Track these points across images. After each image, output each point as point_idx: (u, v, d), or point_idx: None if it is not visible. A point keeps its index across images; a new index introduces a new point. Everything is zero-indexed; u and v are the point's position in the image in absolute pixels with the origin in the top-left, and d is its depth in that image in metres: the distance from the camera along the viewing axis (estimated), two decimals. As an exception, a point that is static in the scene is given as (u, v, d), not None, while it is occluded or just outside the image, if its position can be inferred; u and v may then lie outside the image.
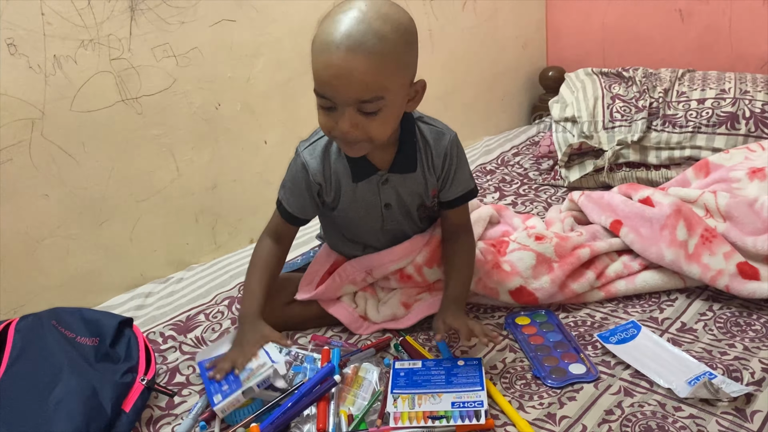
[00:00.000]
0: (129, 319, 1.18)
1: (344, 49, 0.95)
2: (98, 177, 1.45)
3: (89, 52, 1.38)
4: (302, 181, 1.16)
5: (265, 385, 1.01)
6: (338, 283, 1.25)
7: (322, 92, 1.00)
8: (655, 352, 1.11)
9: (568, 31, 2.49)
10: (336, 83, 0.97)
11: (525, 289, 1.24)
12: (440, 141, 1.17)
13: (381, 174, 1.16)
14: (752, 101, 1.72)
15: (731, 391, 0.97)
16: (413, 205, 1.22)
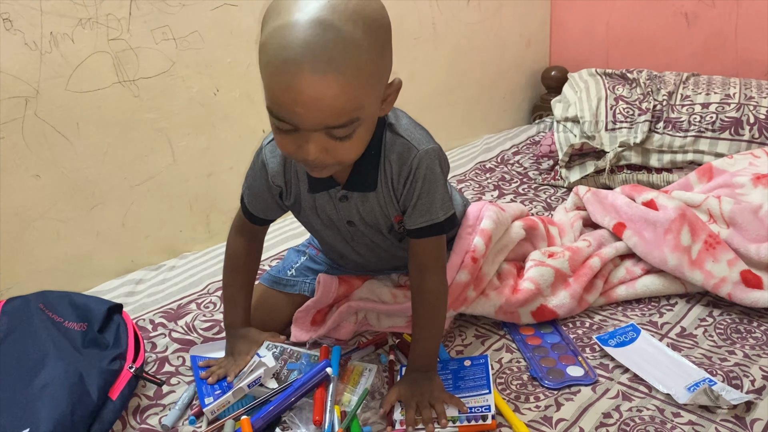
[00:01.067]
0: (118, 305, 1.16)
1: (309, 70, 0.75)
2: (92, 159, 1.42)
3: (87, 31, 1.35)
4: (262, 181, 1.03)
5: (255, 384, 0.99)
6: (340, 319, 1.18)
7: (279, 116, 0.80)
8: (654, 356, 1.09)
9: (572, 30, 2.47)
10: (300, 110, 0.78)
11: (546, 307, 1.20)
12: (406, 157, 0.95)
13: (337, 189, 1.00)
14: (757, 107, 1.70)
15: (731, 399, 0.96)
16: (382, 226, 1.05)
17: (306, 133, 0.81)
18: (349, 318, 1.19)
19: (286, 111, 0.79)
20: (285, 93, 0.77)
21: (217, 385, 1.04)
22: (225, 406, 0.98)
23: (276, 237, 1.60)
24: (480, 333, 1.19)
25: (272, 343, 1.10)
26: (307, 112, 0.78)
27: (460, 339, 1.18)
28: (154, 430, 0.99)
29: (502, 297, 1.19)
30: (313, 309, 1.18)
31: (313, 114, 0.78)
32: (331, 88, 0.76)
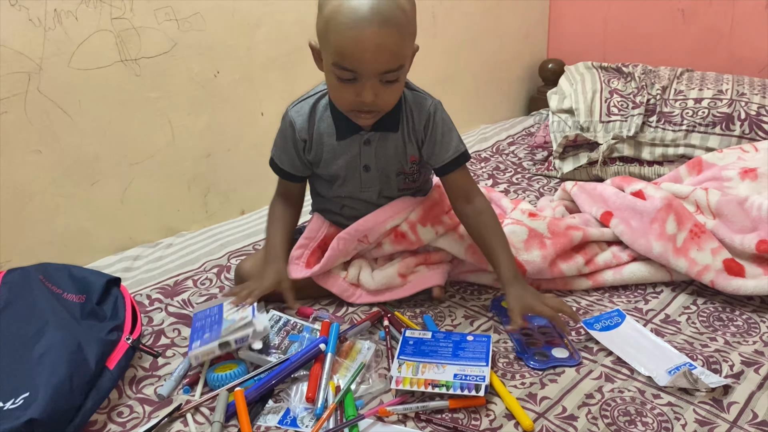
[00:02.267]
0: (116, 279, 1.18)
1: (377, 24, 0.99)
2: (93, 136, 1.44)
3: (91, 9, 1.37)
4: (290, 138, 1.21)
5: (242, 343, 1.02)
6: (332, 258, 1.24)
7: (347, 65, 1.02)
8: (638, 340, 1.12)
9: (570, 24, 2.49)
10: (368, 57, 1.01)
11: (516, 260, 1.24)
12: (422, 107, 1.19)
13: (363, 134, 1.19)
14: (748, 103, 1.73)
15: (710, 382, 0.99)
16: (392, 171, 1.24)
17: (364, 80, 1.03)
18: (339, 272, 1.25)
19: (356, 59, 1.01)
20: (357, 44, 1.00)
21: (207, 329, 1.07)
22: (209, 356, 1.01)
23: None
24: (469, 314, 1.22)
25: (277, 313, 1.15)
26: (375, 57, 1.01)
27: (449, 319, 1.21)
28: (150, 399, 1.02)
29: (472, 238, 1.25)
30: (307, 247, 1.25)
31: (377, 59, 1.01)
32: (390, 37, 1.01)
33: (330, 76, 1.07)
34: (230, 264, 1.41)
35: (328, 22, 1.02)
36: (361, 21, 0.99)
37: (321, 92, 1.21)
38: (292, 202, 1.29)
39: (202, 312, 1.15)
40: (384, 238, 1.26)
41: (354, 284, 1.25)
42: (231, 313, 1.09)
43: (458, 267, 1.31)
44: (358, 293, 1.25)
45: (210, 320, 1.10)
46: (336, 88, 1.08)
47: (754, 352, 1.10)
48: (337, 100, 1.11)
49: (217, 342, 1.01)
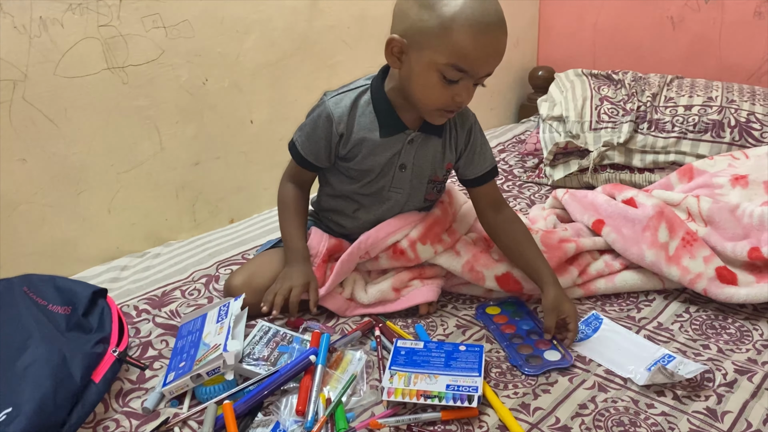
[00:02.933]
0: (103, 290, 1.16)
1: (503, 30, 1.04)
2: (79, 145, 1.42)
3: (77, 17, 1.35)
4: (323, 128, 1.19)
5: (214, 374, 1.00)
6: (338, 278, 1.23)
7: (466, 66, 1.04)
8: (617, 342, 1.12)
9: (560, 31, 2.49)
10: (491, 61, 1.05)
11: (511, 276, 1.24)
12: (465, 117, 1.25)
13: (408, 132, 1.19)
14: (738, 110, 1.74)
15: (686, 372, 1.00)
16: (426, 175, 1.25)
17: (467, 82, 1.07)
18: (336, 288, 1.23)
19: (479, 62, 1.04)
20: (484, 47, 1.03)
21: (181, 357, 1.05)
22: (182, 389, 1.00)
23: (261, 228, 1.61)
24: (461, 323, 1.21)
25: (266, 324, 1.14)
26: (494, 60, 1.06)
27: (441, 329, 1.20)
28: (136, 412, 1.00)
29: (470, 253, 1.26)
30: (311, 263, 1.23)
31: (494, 62, 1.07)
32: (505, 44, 1.06)
33: (430, 74, 1.06)
34: (219, 274, 1.40)
35: (451, 22, 1.01)
36: (492, 26, 1.02)
37: (363, 87, 1.19)
38: (305, 187, 1.28)
39: (186, 325, 1.13)
40: (382, 253, 1.25)
41: (349, 299, 1.24)
42: (209, 335, 1.08)
43: (451, 279, 1.30)
44: (352, 307, 1.23)
45: (190, 339, 1.09)
46: (432, 87, 1.07)
47: (747, 360, 1.09)
48: (428, 98, 1.10)
49: (189, 376, 0.99)
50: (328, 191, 1.30)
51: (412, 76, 1.09)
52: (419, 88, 1.10)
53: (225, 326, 1.08)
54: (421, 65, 1.07)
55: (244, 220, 1.69)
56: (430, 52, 1.04)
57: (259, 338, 1.11)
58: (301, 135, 1.22)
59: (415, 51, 1.06)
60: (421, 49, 1.05)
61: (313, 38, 1.79)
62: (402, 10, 1.08)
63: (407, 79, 1.11)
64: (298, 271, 1.18)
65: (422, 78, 1.08)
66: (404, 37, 1.07)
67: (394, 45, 1.09)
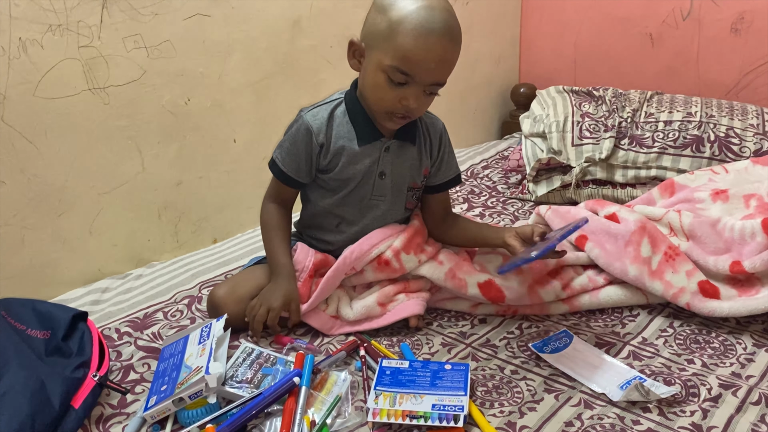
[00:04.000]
0: (83, 313, 1.14)
1: (447, 38, 1.07)
2: (59, 166, 1.41)
3: (57, 38, 1.35)
4: (302, 141, 1.20)
5: (196, 397, 0.99)
6: (323, 295, 1.22)
7: (408, 70, 1.07)
8: (588, 359, 1.12)
9: (541, 49, 2.52)
10: (432, 66, 1.08)
11: (493, 283, 1.25)
12: (435, 125, 1.28)
13: (383, 140, 1.22)
14: (717, 125, 1.76)
15: (660, 393, 1.00)
16: (405, 182, 1.27)
17: (414, 87, 1.10)
18: (320, 305, 1.22)
19: (419, 66, 1.07)
20: (426, 52, 1.06)
21: (162, 380, 1.03)
22: (164, 413, 0.98)
23: (244, 248, 1.60)
24: (447, 341, 1.21)
25: (249, 345, 1.12)
26: (437, 68, 1.09)
27: (427, 347, 1.19)
28: (118, 438, 0.98)
29: (452, 261, 1.27)
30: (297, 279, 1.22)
31: (437, 69, 1.09)
32: (453, 53, 1.10)
33: (378, 75, 1.10)
34: (201, 294, 1.38)
35: (398, 25, 1.06)
36: (434, 32, 1.05)
37: (338, 100, 1.23)
38: (287, 206, 1.29)
39: (168, 347, 1.12)
40: (367, 265, 1.24)
41: (334, 316, 1.23)
42: (191, 357, 1.06)
43: (436, 294, 1.30)
44: (338, 324, 1.22)
45: (172, 362, 1.08)
46: (380, 88, 1.11)
47: (731, 374, 1.09)
48: (377, 100, 1.14)
49: (171, 400, 0.98)
50: (310, 209, 1.30)
51: (365, 77, 1.14)
52: (369, 88, 1.14)
53: (207, 348, 1.07)
54: (371, 66, 1.11)
55: (228, 239, 1.67)
56: (378, 53, 1.09)
57: (242, 360, 1.09)
58: (281, 152, 1.23)
59: (369, 53, 1.12)
60: (372, 51, 1.11)
61: (295, 57, 1.79)
62: (366, 17, 1.14)
63: (362, 81, 1.16)
64: (280, 289, 1.18)
65: (372, 79, 1.12)
66: (362, 40, 1.13)
67: (355, 48, 1.15)
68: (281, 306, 1.17)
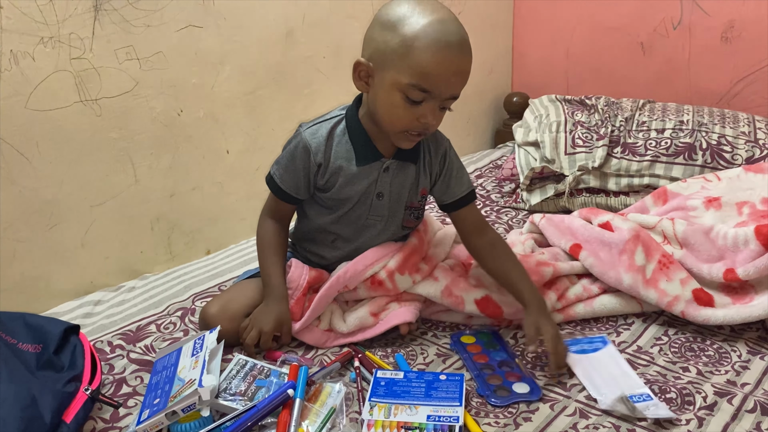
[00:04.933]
0: (75, 326, 1.13)
1: (464, 50, 1.06)
2: (51, 179, 1.40)
3: (48, 50, 1.34)
4: (300, 159, 1.18)
5: (189, 410, 0.98)
6: (316, 313, 1.22)
7: (427, 86, 1.05)
8: (608, 367, 1.12)
9: (533, 58, 2.53)
10: (452, 80, 1.06)
11: (491, 299, 1.24)
12: (439, 142, 1.25)
13: (383, 161, 1.20)
14: (709, 133, 1.76)
15: (650, 414, 0.99)
16: (402, 202, 1.25)
17: (431, 103, 1.07)
18: (313, 321, 1.21)
19: (439, 81, 1.05)
20: (443, 66, 1.04)
21: (155, 394, 1.03)
22: (157, 427, 0.97)
23: (238, 259, 1.60)
24: (441, 352, 1.20)
25: (243, 358, 1.12)
26: (456, 81, 1.07)
27: (422, 357, 1.19)
28: (110, 453, 0.97)
29: (448, 278, 1.26)
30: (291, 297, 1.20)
31: (457, 83, 1.07)
32: (469, 64, 1.08)
33: (393, 95, 1.07)
34: (195, 306, 1.37)
35: (413, 41, 1.03)
36: (451, 45, 1.04)
37: (338, 117, 1.20)
38: (285, 222, 1.27)
39: (161, 359, 1.11)
40: (360, 284, 1.24)
41: (327, 330, 1.22)
42: (184, 369, 1.06)
43: (431, 307, 1.29)
44: (332, 338, 1.22)
45: (166, 374, 1.07)
46: (396, 107, 1.08)
47: (726, 382, 1.09)
48: (393, 120, 1.11)
49: (164, 413, 0.97)
50: (306, 223, 1.29)
51: (378, 98, 1.11)
52: (384, 109, 1.11)
53: (200, 360, 1.06)
54: (385, 86, 1.08)
55: (221, 250, 1.67)
56: (393, 73, 1.06)
57: (235, 372, 1.09)
58: (279, 168, 1.21)
59: (379, 73, 1.08)
60: (384, 70, 1.07)
61: (288, 68, 1.79)
62: (369, 35, 1.11)
63: (374, 103, 1.13)
64: (272, 312, 1.17)
65: (386, 99, 1.09)
66: (370, 60, 1.09)
67: (361, 68, 1.11)
68: (272, 330, 1.16)
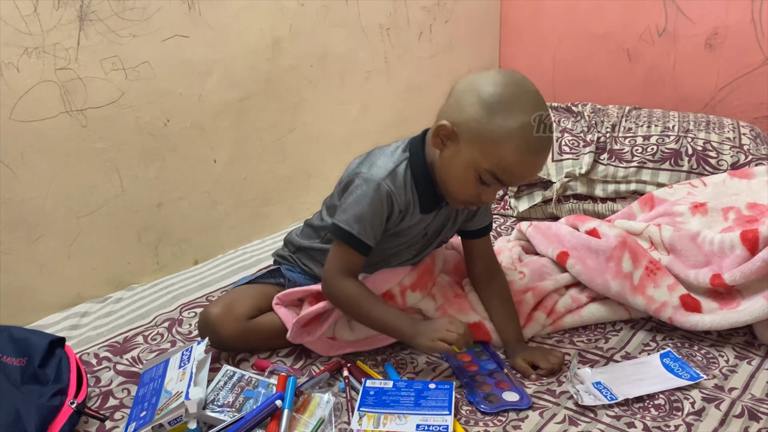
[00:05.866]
0: (61, 339, 1.12)
1: (546, 155, 1.08)
2: (36, 190, 1.39)
3: (33, 60, 1.33)
4: (386, 209, 1.13)
5: (176, 423, 0.97)
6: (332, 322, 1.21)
7: (502, 178, 1.06)
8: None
9: (520, 65, 2.53)
10: (527, 178, 1.13)
11: (483, 326, 1.24)
12: None
13: (439, 207, 1.20)
14: (694, 139, 1.78)
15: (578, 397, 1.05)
16: (439, 238, 1.27)
17: (497, 187, 1.09)
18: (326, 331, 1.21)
19: (517, 178, 1.09)
20: (528, 169, 1.08)
21: (142, 407, 1.02)
22: None
23: (226, 269, 1.59)
24: (431, 361, 1.20)
25: (231, 369, 1.11)
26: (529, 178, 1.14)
27: (411, 366, 1.18)
28: (96, 467, 0.96)
29: (444, 297, 1.27)
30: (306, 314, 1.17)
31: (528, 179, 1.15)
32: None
33: (468, 172, 1.07)
34: (182, 317, 1.37)
35: (508, 136, 1.02)
36: (541, 151, 1.05)
37: (404, 161, 1.15)
38: (358, 274, 1.18)
39: (148, 371, 1.10)
40: None
41: (330, 338, 1.22)
42: (171, 381, 1.05)
43: (425, 318, 1.29)
44: (336, 346, 1.21)
45: (153, 386, 1.06)
46: (466, 182, 1.08)
47: (714, 387, 1.10)
48: (458, 190, 1.11)
49: (150, 426, 0.96)
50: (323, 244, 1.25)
51: (452, 165, 1.09)
52: (453, 178, 1.10)
53: (187, 372, 1.05)
54: (463, 160, 1.07)
55: (209, 260, 1.66)
56: (477, 153, 1.05)
57: (223, 383, 1.08)
58: (364, 226, 1.11)
59: (462, 144, 1.06)
60: (468, 146, 1.05)
61: (275, 77, 1.79)
62: (462, 99, 1.07)
63: (446, 165, 1.10)
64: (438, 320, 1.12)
65: (460, 171, 1.08)
66: (455, 125, 1.06)
67: (446, 132, 1.08)
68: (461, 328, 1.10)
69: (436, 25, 2.26)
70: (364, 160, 1.17)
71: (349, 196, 1.13)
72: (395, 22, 2.09)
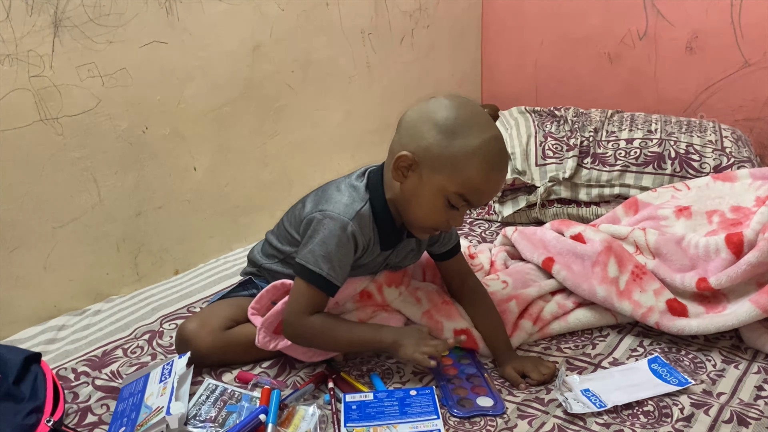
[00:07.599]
0: (36, 354, 1.09)
1: (506, 169, 1.10)
2: (11, 200, 1.36)
3: (6, 68, 1.30)
4: (352, 248, 1.11)
5: None
6: None
7: (471, 199, 1.06)
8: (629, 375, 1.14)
9: (502, 70, 2.54)
10: (493, 195, 1.12)
11: (470, 333, 1.22)
12: None
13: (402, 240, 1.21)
14: (677, 142, 1.78)
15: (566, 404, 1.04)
16: (402, 265, 1.28)
17: (464, 210, 1.09)
18: None
19: (485, 196, 1.08)
20: (494, 185, 1.08)
21: (121, 422, 0.99)
22: None
23: (207, 279, 1.56)
24: (418, 370, 1.18)
25: (213, 382, 1.09)
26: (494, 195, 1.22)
27: (398, 376, 1.17)
28: (74, 487, 0.93)
29: (431, 302, 1.26)
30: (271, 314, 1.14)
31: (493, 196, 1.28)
32: None
33: (437, 198, 1.06)
34: (163, 329, 1.34)
35: (471, 157, 1.03)
36: (502, 165, 1.07)
37: (366, 199, 1.13)
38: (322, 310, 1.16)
39: (128, 386, 1.07)
40: None
41: None
42: (151, 396, 1.02)
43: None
44: (318, 352, 1.18)
45: (132, 401, 1.03)
46: (434, 209, 1.08)
47: (702, 392, 1.09)
48: (426, 218, 1.10)
49: None
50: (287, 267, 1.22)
51: (416, 194, 1.08)
52: (420, 207, 1.09)
53: (169, 386, 1.03)
54: (429, 187, 1.06)
55: (190, 270, 1.63)
56: (442, 178, 1.05)
57: (205, 398, 1.05)
58: (332, 267, 1.09)
59: (425, 172, 1.05)
60: (432, 172, 1.05)
61: (256, 83, 1.77)
62: (416, 128, 1.07)
63: (408, 196, 1.09)
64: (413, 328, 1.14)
65: (427, 199, 1.07)
66: (415, 154, 1.05)
67: (408, 163, 1.06)
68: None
69: (418, 29, 2.25)
70: (324, 196, 1.14)
71: (315, 235, 1.10)
72: (377, 27, 2.07)
